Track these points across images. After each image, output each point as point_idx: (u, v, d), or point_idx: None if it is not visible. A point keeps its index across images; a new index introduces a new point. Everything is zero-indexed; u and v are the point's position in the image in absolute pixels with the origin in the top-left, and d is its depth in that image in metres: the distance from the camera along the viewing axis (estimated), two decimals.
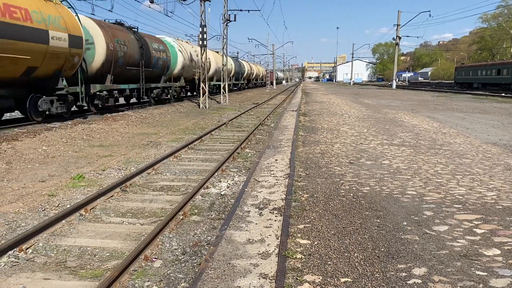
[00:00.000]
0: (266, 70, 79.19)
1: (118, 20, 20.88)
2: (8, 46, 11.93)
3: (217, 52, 39.46)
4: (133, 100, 23.77)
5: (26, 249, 4.66)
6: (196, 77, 26.39)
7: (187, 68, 28.00)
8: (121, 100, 22.35)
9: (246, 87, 55.31)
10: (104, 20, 19.93)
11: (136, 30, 21.87)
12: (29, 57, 12.83)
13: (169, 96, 26.02)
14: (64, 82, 15.00)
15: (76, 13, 15.66)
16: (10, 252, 4.49)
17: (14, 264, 4.35)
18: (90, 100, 17.63)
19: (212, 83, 35.07)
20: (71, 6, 15.51)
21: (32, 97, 13.86)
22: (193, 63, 28.93)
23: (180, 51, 26.92)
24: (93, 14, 35.23)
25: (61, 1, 15.05)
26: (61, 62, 14.59)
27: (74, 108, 16.95)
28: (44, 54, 13.47)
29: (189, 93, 32.25)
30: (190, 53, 28.78)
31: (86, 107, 17.88)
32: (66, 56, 14.69)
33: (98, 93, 17.48)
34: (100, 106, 18.37)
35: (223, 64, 30.63)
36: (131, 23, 20.33)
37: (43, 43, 13.28)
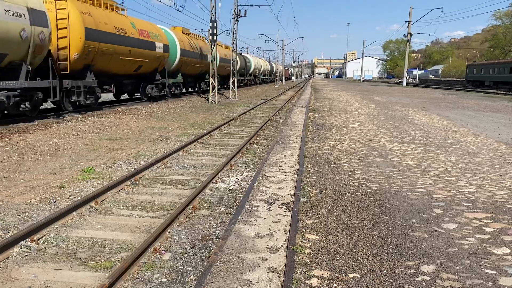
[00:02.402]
0: (284, 67, 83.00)
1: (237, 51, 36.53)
2: None
3: (262, 58, 71.13)
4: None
5: (38, 239, 4.72)
6: (256, 73, 49.74)
7: (255, 68, 52.69)
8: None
9: (253, 83, 58.38)
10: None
11: (240, 53, 47.20)
12: None
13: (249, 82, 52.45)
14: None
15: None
16: (22, 243, 4.55)
17: (26, 254, 4.42)
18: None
19: (261, 77, 63.26)
20: None
21: None
22: (256, 65, 53.40)
23: (251, 60, 52.36)
24: None
25: None
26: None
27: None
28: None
29: (253, 83, 56.31)
30: (251, 59, 53.44)
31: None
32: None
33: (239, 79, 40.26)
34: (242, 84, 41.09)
35: (243, 61, 47.29)
36: (141, 18, 21.21)
37: None
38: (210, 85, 25.77)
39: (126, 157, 9.18)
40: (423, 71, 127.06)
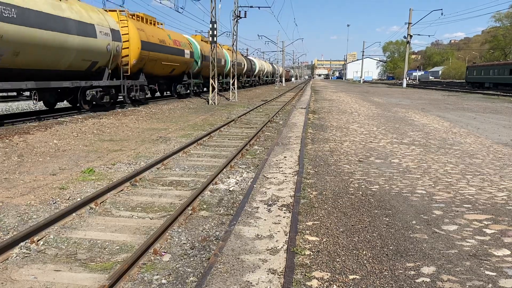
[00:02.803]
0: (285, 69, 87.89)
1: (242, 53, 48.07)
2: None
3: (265, 61, 75.79)
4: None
5: (38, 241, 4.72)
6: (260, 75, 56.57)
7: (259, 70, 58.94)
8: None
9: (257, 83, 61.88)
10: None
11: (247, 56, 55.34)
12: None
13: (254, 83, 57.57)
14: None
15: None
16: (22, 244, 4.55)
17: (26, 255, 4.42)
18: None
19: (265, 78, 69.33)
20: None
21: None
22: (260, 67, 59.99)
23: (256, 62, 57.90)
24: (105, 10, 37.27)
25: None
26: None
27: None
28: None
29: (257, 83, 61.25)
30: (256, 62, 59.12)
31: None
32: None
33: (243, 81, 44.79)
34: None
35: (243, 63, 48.15)
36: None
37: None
38: (210, 86, 25.80)
39: (126, 158, 9.18)
40: (423, 73, 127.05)
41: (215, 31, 24.96)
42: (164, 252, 4.58)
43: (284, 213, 5.33)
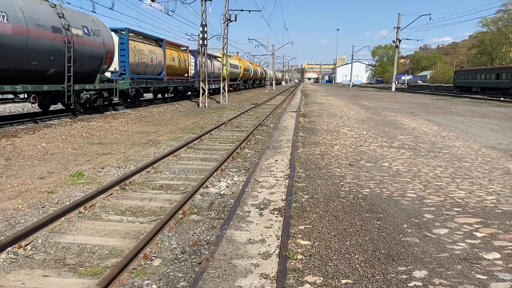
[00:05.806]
0: (281, 73, 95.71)
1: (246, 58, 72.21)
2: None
3: (270, 69, 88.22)
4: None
5: (25, 245, 4.64)
6: (270, 79, 72.77)
7: (270, 76, 78.49)
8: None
9: (262, 85, 74.25)
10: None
11: (262, 66, 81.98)
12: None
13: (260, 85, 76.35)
14: None
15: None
16: (9, 249, 4.47)
17: (13, 260, 4.33)
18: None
19: (270, 81, 79.84)
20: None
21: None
22: (269, 74, 77.23)
23: (267, 71, 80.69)
24: (94, 12, 36.63)
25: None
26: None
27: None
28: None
29: (262, 85, 76.33)
30: (267, 70, 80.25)
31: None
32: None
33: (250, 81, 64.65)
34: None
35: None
36: (132, 22, 21.89)
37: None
38: (201, 90, 25.73)
39: (115, 161, 9.09)
40: (411, 77, 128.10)
41: (205, 34, 24.93)
42: (154, 256, 4.52)
43: (276, 217, 5.31)
